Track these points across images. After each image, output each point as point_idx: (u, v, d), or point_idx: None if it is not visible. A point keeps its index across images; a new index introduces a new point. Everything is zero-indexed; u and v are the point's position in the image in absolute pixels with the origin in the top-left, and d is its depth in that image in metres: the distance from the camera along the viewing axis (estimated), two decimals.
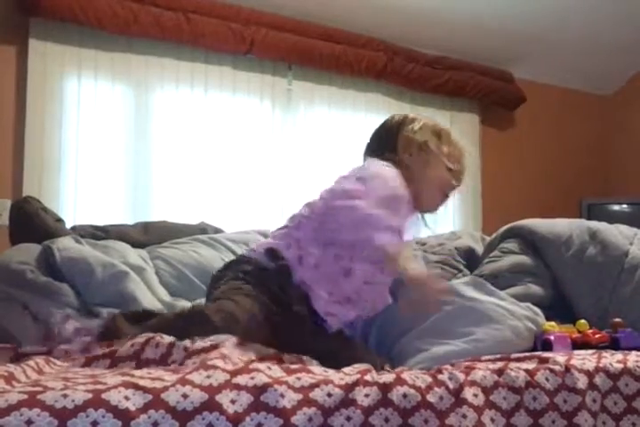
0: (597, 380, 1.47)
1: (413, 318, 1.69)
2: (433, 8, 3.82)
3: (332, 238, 1.60)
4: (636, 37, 4.41)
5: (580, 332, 1.81)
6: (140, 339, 1.28)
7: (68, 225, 2.33)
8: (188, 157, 3.41)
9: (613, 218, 3.46)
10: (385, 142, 1.86)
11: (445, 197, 1.86)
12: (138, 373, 1.10)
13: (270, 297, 1.52)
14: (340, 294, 1.61)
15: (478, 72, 4.23)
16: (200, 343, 1.23)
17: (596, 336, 1.79)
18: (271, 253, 1.61)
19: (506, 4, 3.93)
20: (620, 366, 1.53)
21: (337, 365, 1.30)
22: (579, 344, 1.76)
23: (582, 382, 1.42)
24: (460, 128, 4.31)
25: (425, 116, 1.96)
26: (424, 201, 1.81)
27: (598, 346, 1.75)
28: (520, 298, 1.87)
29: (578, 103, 4.85)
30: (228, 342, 1.23)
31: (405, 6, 3.76)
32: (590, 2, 4.02)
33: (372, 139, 1.94)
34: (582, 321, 1.82)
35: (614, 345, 1.78)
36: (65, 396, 0.95)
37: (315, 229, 1.63)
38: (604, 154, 4.94)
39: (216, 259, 2.15)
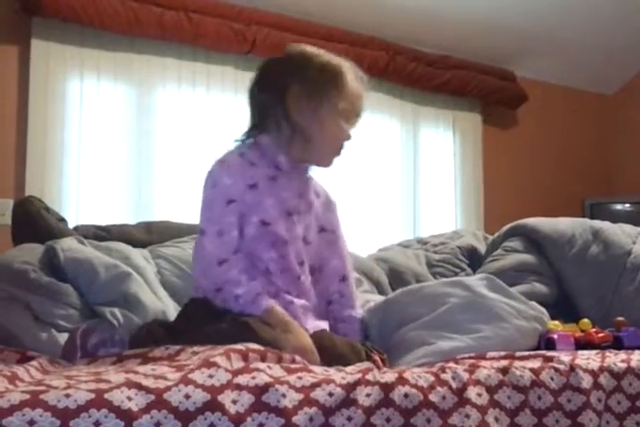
0: (602, 379, 1.46)
1: (418, 307, 1.69)
2: (435, 7, 3.82)
3: None
4: (637, 37, 4.40)
5: (582, 331, 1.80)
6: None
7: (71, 225, 2.33)
8: (190, 156, 3.41)
9: (616, 217, 3.46)
10: (270, 108, 1.71)
11: (341, 148, 1.71)
12: (141, 369, 1.09)
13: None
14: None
15: (480, 71, 4.22)
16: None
17: (599, 335, 1.78)
18: None
19: (508, 3, 3.92)
20: (624, 365, 1.53)
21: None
22: (582, 344, 1.75)
23: (587, 381, 1.42)
24: (463, 127, 4.31)
25: (315, 50, 1.81)
26: (319, 159, 1.70)
27: (601, 346, 1.75)
28: (525, 296, 1.86)
29: (580, 102, 4.84)
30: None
31: (407, 6, 3.75)
32: (591, 1, 4.01)
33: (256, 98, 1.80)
34: (585, 320, 1.81)
35: (617, 344, 1.78)
36: (67, 396, 0.95)
37: None
38: (606, 153, 4.93)
39: None
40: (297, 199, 1.65)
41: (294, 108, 1.64)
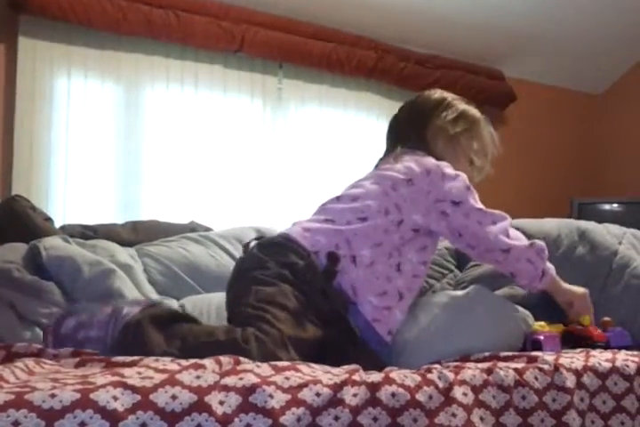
0: (586, 379, 1.47)
1: (413, 315, 1.70)
2: (423, 7, 3.82)
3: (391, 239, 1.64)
4: (625, 37, 4.42)
5: (582, 325, 1.82)
6: None
7: (58, 224, 2.33)
8: (178, 156, 3.40)
9: (604, 217, 3.48)
10: (416, 127, 1.85)
11: None
12: (128, 372, 1.09)
13: (312, 308, 1.49)
14: (394, 292, 1.60)
15: (469, 71, 4.23)
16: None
17: (597, 333, 1.80)
18: (332, 256, 1.57)
19: (497, 3, 3.93)
20: (609, 365, 1.54)
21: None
22: (578, 337, 1.79)
23: (571, 381, 1.43)
24: None
25: (459, 98, 1.95)
26: None
27: (596, 344, 1.76)
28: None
29: (568, 102, 4.86)
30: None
31: (396, 5, 3.76)
32: (580, 2, 4.03)
33: (402, 119, 1.91)
34: (587, 317, 1.83)
35: (604, 344, 1.79)
36: (53, 396, 0.95)
37: (372, 230, 1.62)
38: (594, 153, 4.95)
39: (205, 256, 2.15)
40: None
41: (432, 135, 1.84)
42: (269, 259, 1.55)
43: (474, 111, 1.92)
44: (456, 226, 1.69)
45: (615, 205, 4.36)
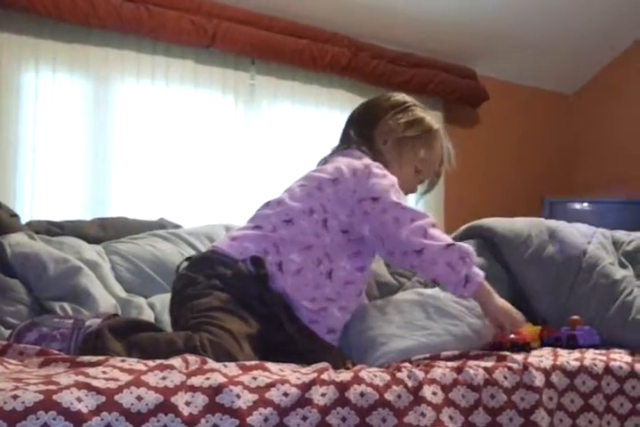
0: (554, 378, 1.48)
1: (369, 309, 1.70)
2: (397, 4, 3.82)
3: (313, 242, 1.60)
4: (597, 37, 4.46)
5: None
6: None
7: (24, 220, 2.29)
8: (148, 152, 3.36)
9: (574, 216, 3.52)
10: (364, 126, 1.82)
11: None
12: (92, 372, 1.07)
13: (249, 309, 1.48)
14: (322, 297, 1.59)
15: (442, 69, 4.24)
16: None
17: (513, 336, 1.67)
18: (256, 260, 1.55)
19: (470, 2, 3.95)
20: (577, 364, 1.55)
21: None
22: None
23: (539, 380, 1.43)
24: None
25: (423, 107, 1.89)
26: None
27: (512, 347, 1.65)
28: None
29: (540, 102, 4.90)
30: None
31: (370, 2, 3.76)
32: (553, 1, 4.06)
33: (353, 117, 1.89)
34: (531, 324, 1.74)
35: (573, 343, 1.80)
36: (15, 397, 0.93)
37: (299, 233, 1.60)
38: (565, 152, 5.00)
39: (175, 253, 2.13)
40: None
41: (380, 134, 1.80)
42: (198, 275, 1.56)
43: (432, 121, 1.85)
44: (376, 226, 1.60)
45: (585, 204, 4.41)
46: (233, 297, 1.49)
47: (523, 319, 1.72)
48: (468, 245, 1.59)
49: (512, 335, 1.64)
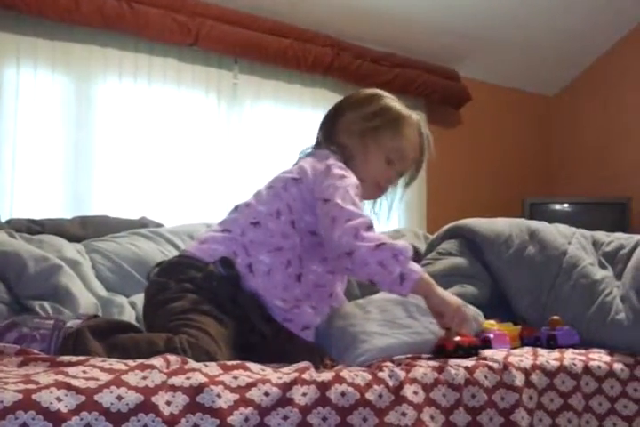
0: (534, 377, 1.49)
1: (350, 307, 1.70)
2: (381, 5, 3.83)
3: (282, 244, 1.59)
4: (579, 39, 4.50)
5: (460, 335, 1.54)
6: None
7: (4, 218, 2.27)
8: (130, 150, 3.34)
9: (555, 217, 3.54)
10: (329, 123, 1.81)
11: (380, 190, 1.78)
12: (72, 371, 1.07)
13: (223, 310, 1.48)
14: (292, 298, 1.58)
15: (424, 70, 4.25)
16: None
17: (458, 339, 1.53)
18: (226, 261, 1.54)
19: (452, 3, 3.96)
20: (557, 363, 1.56)
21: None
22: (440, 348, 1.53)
23: (519, 379, 1.44)
24: None
25: (393, 98, 1.83)
26: (362, 191, 1.68)
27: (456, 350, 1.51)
28: None
29: (521, 103, 4.93)
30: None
31: (353, 2, 3.76)
32: (535, 3, 4.08)
33: (327, 111, 1.88)
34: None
35: (553, 342, 1.81)
36: None
37: (268, 235, 1.60)
38: (546, 154, 5.03)
39: (155, 252, 2.12)
40: None
41: (351, 123, 1.76)
42: (169, 280, 1.55)
43: (401, 109, 1.78)
44: (321, 228, 1.57)
45: (566, 205, 4.44)
46: (206, 299, 1.48)
47: (474, 314, 1.71)
48: (402, 243, 1.51)
49: (457, 338, 1.52)
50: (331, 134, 1.78)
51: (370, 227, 1.51)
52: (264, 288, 1.56)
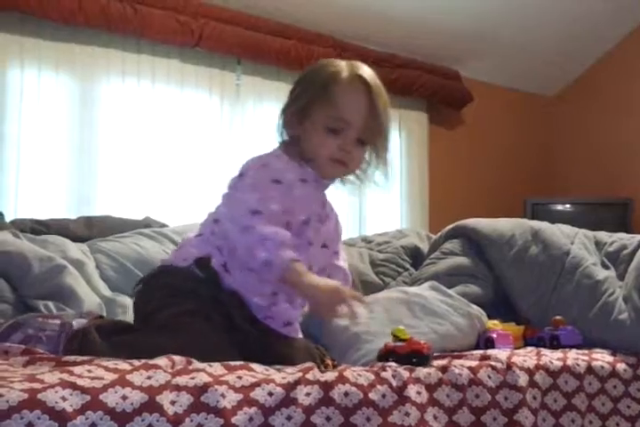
0: (538, 377, 1.49)
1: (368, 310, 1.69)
2: (382, 6, 3.83)
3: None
4: (579, 40, 4.50)
5: (401, 340, 1.45)
6: None
7: (9, 219, 2.28)
8: (134, 150, 3.35)
9: (556, 217, 3.53)
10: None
11: (340, 164, 1.61)
12: (78, 370, 1.07)
13: (208, 311, 1.46)
14: (268, 291, 1.55)
15: (426, 71, 4.25)
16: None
17: (422, 344, 1.44)
18: (200, 262, 1.53)
19: (453, 3, 3.96)
20: (560, 363, 1.56)
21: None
22: (403, 355, 1.41)
23: (523, 379, 1.45)
24: (409, 126, 4.34)
25: (327, 63, 1.65)
26: (322, 172, 1.61)
27: (426, 358, 1.41)
28: None
29: (522, 104, 4.93)
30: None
31: (355, 3, 3.76)
32: (536, 4, 4.08)
33: None
34: (401, 328, 1.47)
35: (556, 343, 1.82)
36: None
37: (226, 234, 1.55)
38: (548, 154, 5.03)
39: (160, 252, 2.12)
40: (317, 208, 1.62)
41: (287, 112, 1.64)
42: (151, 292, 1.54)
43: (327, 74, 1.60)
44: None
45: (568, 205, 4.44)
46: (190, 301, 1.47)
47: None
48: (276, 229, 1.42)
49: (399, 343, 1.44)
50: (279, 127, 1.70)
51: (256, 213, 1.45)
52: (240, 285, 1.53)
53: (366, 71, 1.67)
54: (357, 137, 1.59)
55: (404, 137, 4.33)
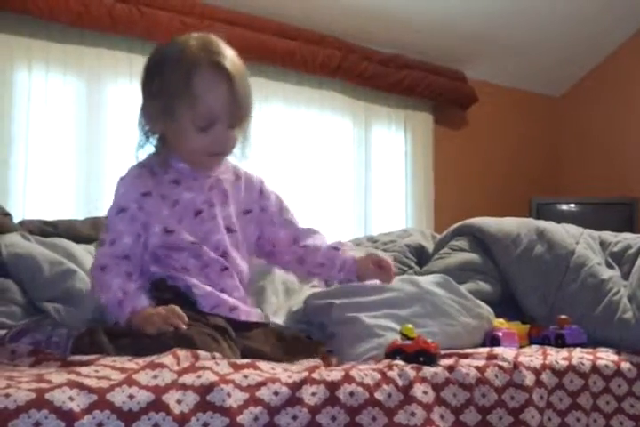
0: (544, 377, 1.49)
1: (365, 296, 1.69)
2: (388, 7, 3.84)
3: None
4: (584, 40, 4.49)
5: (409, 338, 1.43)
6: None
7: (17, 219, 2.28)
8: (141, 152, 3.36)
9: (562, 217, 3.54)
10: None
11: (216, 155, 1.58)
12: (84, 370, 1.08)
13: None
14: (198, 280, 1.51)
15: (431, 71, 4.26)
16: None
17: (430, 343, 1.41)
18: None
19: (459, 4, 3.97)
20: (565, 362, 1.56)
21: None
22: (410, 354, 1.39)
23: (529, 378, 1.45)
24: (414, 127, 4.34)
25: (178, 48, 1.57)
26: (199, 165, 1.59)
27: (434, 357, 1.40)
28: (470, 294, 1.88)
29: (528, 104, 4.92)
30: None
31: (360, 5, 3.77)
32: (541, 5, 4.08)
33: None
34: (409, 326, 1.46)
35: (561, 341, 1.82)
36: (7, 396, 0.93)
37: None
38: (553, 154, 5.03)
39: None
40: (205, 195, 1.57)
41: (148, 107, 1.59)
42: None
43: (189, 58, 1.52)
44: None
45: (573, 205, 4.44)
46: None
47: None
48: (119, 284, 1.43)
49: (407, 341, 1.42)
50: (143, 127, 1.65)
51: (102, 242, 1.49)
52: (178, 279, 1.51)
53: (225, 56, 1.59)
54: (228, 126, 1.54)
55: (409, 137, 4.33)
